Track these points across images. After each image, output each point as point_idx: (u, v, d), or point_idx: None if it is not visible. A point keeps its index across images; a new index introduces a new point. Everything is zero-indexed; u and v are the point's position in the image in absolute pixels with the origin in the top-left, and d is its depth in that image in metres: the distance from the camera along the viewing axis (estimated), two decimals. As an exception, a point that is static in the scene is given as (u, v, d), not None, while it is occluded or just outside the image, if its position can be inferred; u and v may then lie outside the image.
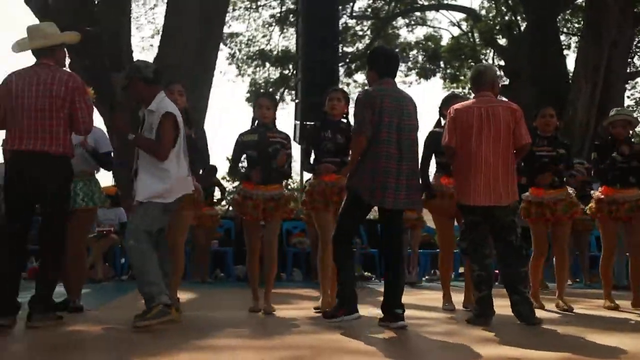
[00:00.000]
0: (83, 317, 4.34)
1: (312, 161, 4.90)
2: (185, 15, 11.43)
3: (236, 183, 8.19)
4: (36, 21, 12.23)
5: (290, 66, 19.04)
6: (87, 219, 4.70)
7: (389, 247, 4.00)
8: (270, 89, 19.98)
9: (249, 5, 20.95)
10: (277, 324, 4.18)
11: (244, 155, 4.78)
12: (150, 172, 3.85)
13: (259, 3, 20.90)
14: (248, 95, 20.45)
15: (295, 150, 5.27)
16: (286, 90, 20.16)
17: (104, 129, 5.51)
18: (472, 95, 4.38)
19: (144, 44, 19.64)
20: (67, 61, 4.21)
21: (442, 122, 4.86)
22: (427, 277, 8.95)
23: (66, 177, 3.86)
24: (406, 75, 20.90)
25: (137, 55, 23.15)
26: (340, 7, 19.40)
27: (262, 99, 4.92)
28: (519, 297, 3.99)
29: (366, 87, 4.21)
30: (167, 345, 3.14)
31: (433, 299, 5.54)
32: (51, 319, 3.76)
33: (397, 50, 20.15)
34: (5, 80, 3.81)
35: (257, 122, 4.83)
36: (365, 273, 8.63)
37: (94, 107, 4.07)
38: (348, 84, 20.61)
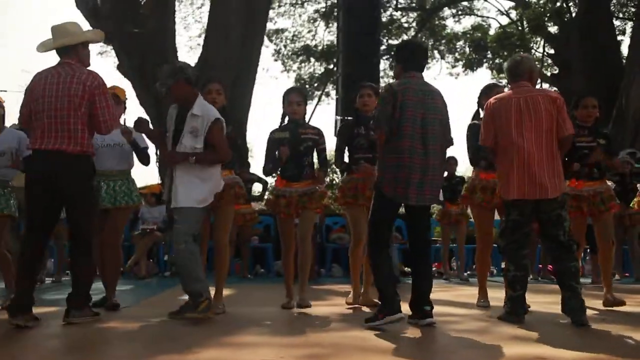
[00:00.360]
0: (119, 313, 4.45)
1: (346, 158, 4.86)
2: (228, 13, 11.54)
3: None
4: (87, 24, 12.64)
5: (335, 60, 18.98)
6: (124, 217, 4.81)
7: (415, 244, 3.95)
8: (316, 84, 20.03)
9: (294, 1, 21.06)
10: (305, 320, 4.19)
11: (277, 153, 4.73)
12: (192, 177, 3.98)
13: (304, -1, 20.97)
14: (293, 90, 20.48)
15: (331, 145, 5.14)
16: (332, 85, 20.14)
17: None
18: (509, 86, 4.22)
19: (192, 43, 20.04)
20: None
21: (481, 113, 4.64)
22: (468, 272, 8.77)
23: (85, 175, 3.85)
24: (453, 67, 20.64)
25: (184, 54, 23.69)
26: (384, 0, 19.36)
27: (292, 94, 4.77)
28: (569, 293, 3.79)
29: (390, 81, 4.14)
30: (189, 342, 3.19)
31: (469, 295, 5.44)
32: (88, 315, 3.86)
33: (432, 42, 19.88)
34: (31, 81, 3.87)
35: (287, 118, 4.77)
36: (406, 269, 8.51)
37: (124, 106, 4.24)
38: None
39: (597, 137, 4.80)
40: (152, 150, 4.87)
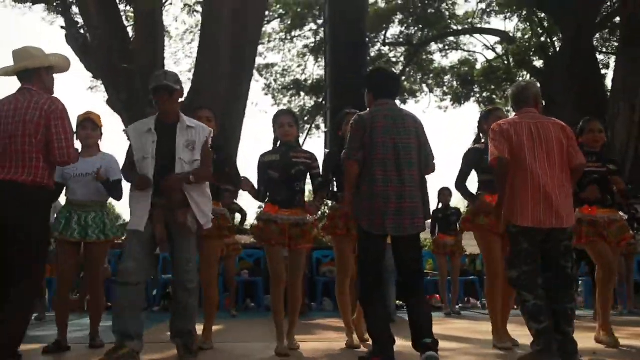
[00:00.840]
0: (101, 351, 4.32)
1: (335, 188, 4.66)
2: (217, 47, 11.64)
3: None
4: (77, 60, 12.71)
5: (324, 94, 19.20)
6: (100, 252, 4.55)
7: (405, 277, 3.68)
8: (306, 117, 20.18)
9: (283, 37, 21.36)
10: (293, 357, 4.08)
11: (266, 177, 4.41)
12: (206, 197, 3.94)
13: (293, 34, 21.29)
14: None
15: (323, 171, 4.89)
16: (321, 118, 20.30)
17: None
18: (514, 114, 4.01)
19: (182, 77, 20.09)
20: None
21: (482, 138, 4.54)
22: (460, 304, 8.71)
23: (34, 206, 3.48)
24: (442, 100, 20.90)
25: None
26: (373, 35, 19.67)
27: (283, 116, 4.48)
28: (562, 338, 3.53)
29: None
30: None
31: (462, 329, 5.38)
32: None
33: (420, 76, 20.10)
34: None
35: (279, 142, 4.48)
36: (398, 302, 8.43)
37: (74, 134, 3.74)
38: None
39: (605, 162, 4.66)
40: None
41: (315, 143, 24.22)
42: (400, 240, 3.64)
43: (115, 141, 5.36)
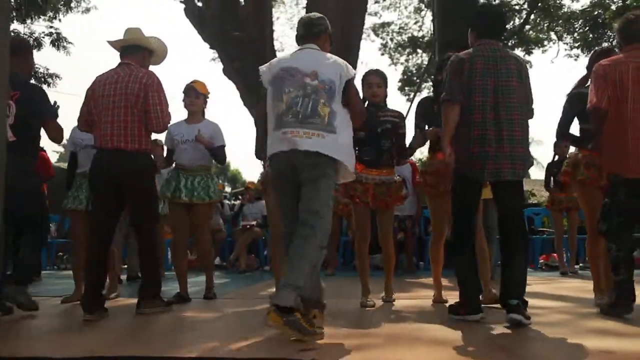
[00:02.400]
0: (196, 304, 4.60)
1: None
2: (326, 9, 11.59)
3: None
4: (194, 32, 13.30)
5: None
6: (206, 212, 4.87)
7: (504, 229, 3.48)
8: (423, 75, 19.63)
9: (399, -7, 20.82)
10: (377, 313, 4.07)
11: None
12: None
13: (409, -12, 20.70)
14: (400, 84, 20.30)
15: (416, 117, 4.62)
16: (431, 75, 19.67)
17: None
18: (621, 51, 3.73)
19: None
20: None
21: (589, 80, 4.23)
22: (581, 264, 8.15)
23: (141, 171, 3.93)
24: (572, 49, 19.33)
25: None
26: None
27: (371, 76, 4.49)
28: None
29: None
30: (226, 335, 3.19)
31: (571, 288, 5.06)
32: (158, 306, 3.98)
33: (547, 23, 18.63)
34: (92, 83, 4.02)
35: (367, 102, 4.42)
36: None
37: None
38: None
39: None
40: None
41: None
42: (500, 187, 3.49)
43: (231, 108, 5.58)
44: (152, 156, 4.31)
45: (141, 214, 3.98)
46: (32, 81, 5.27)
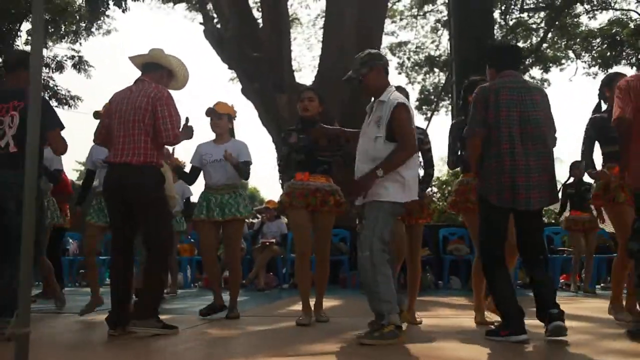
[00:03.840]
0: (217, 322, 4.61)
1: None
2: (342, 27, 11.70)
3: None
4: (214, 53, 13.50)
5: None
6: (238, 229, 4.93)
7: (526, 249, 3.60)
8: (440, 94, 19.68)
9: (415, 13, 20.98)
10: (409, 330, 4.04)
11: None
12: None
13: (425, 9, 20.85)
14: (417, 103, 20.36)
15: (437, 146, 4.79)
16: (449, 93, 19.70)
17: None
18: None
19: (315, 62, 20.56)
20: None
21: (603, 106, 4.39)
22: (602, 284, 8.08)
23: (146, 185, 3.86)
24: (590, 67, 19.28)
25: (308, 74, 24.36)
26: (510, 1, 18.62)
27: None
28: None
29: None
30: (246, 353, 3.23)
31: (590, 308, 5.03)
32: (152, 326, 3.79)
33: (565, 42, 18.55)
34: (109, 100, 4.09)
35: None
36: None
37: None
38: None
39: None
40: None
41: (442, 119, 23.55)
42: (526, 213, 3.55)
43: (250, 128, 5.67)
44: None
45: (148, 230, 3.91)
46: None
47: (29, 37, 14.76)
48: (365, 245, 3.44)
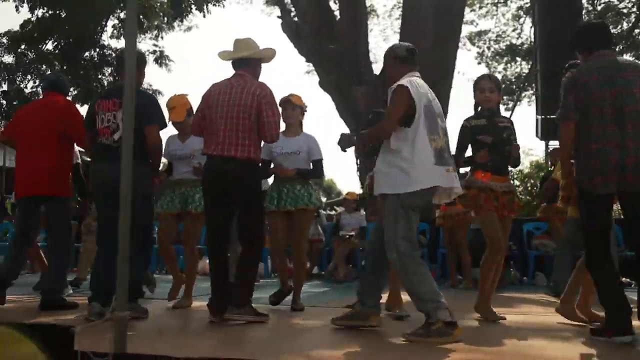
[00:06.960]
0: (299, 313, 4.69)
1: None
2: (420, 18, 11.50)
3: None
4: (291, 46, 13.64)
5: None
6: (308, 219, 4.98)
7: (636, 244, 3.37)
8: (523, 84, 19.05)
9: (496, 1, 20.36)
10: (488, 328, 3.99)
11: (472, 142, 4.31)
12: (385, 162, 3.54)
13: (506, -4, 20.20)
14: (498, 93, 19.74)
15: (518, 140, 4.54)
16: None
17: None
18: None
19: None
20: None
21: None
22: None
23: (251, 179, 4.08)
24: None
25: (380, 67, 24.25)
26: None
27: (483, 81, 4.38)
28: None
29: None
30: (331, 345, 3.23)
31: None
32: (247, 313, 3.96)
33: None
34: (208, 89, 4.22)
35: (479, 107, 4.38)
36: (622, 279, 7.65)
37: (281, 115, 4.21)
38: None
39: None
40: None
41: (524, 110, 22.71)
42: (631, 200, 3.33)
43: (326, 121, 5.69)
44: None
45: (246, 223, 4.10)
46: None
47: (115, 31, 15.52)
48: (390, 247, 3.38)
